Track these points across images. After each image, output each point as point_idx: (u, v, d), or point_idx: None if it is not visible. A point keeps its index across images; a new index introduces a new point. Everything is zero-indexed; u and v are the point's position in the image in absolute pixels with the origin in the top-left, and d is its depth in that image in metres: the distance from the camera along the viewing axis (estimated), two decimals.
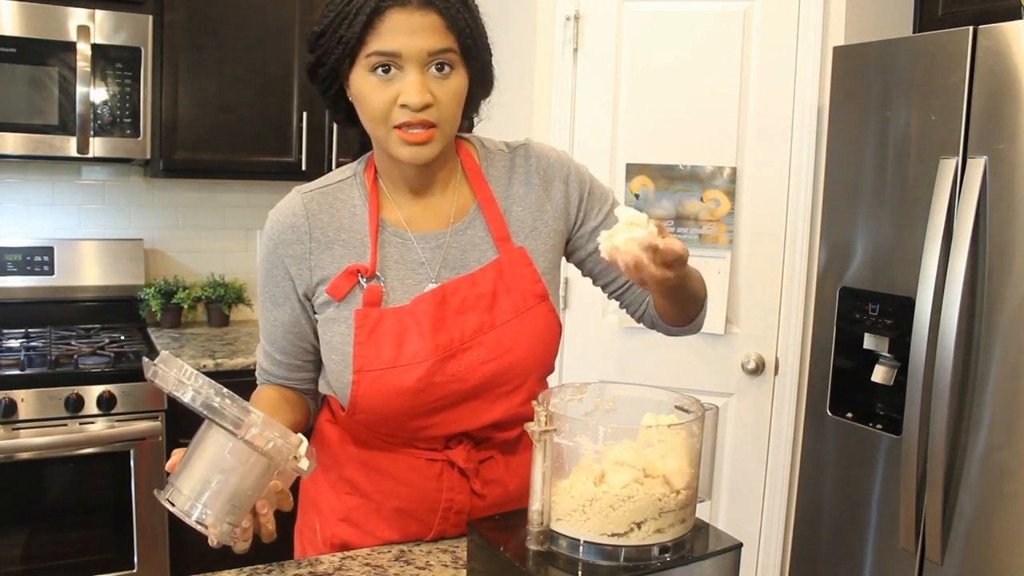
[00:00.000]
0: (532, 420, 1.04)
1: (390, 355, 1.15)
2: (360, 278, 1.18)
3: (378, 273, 1.18)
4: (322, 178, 1.26)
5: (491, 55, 1.19)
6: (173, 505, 0.93)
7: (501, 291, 1.20)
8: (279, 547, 1.43)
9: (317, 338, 1.23)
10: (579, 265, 1.34)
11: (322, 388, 1.28)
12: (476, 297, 1.19)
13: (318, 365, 1.26)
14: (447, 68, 1.09)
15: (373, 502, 1.25)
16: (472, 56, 1.12)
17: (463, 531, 1.23)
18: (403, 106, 1.08)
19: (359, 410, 1.18)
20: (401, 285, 1.19)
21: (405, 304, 1.18)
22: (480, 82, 1.18)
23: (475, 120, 1.28)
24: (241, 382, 2.46)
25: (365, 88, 1.10)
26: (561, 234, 1.28)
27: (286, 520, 1.44)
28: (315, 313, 1.22)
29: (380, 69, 1.08)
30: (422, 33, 1.07)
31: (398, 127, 1.09)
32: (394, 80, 1.08)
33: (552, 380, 2.66)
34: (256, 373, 1.32)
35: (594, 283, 1.35)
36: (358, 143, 1.28)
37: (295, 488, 1.38)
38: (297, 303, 1.21)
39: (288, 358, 1.25)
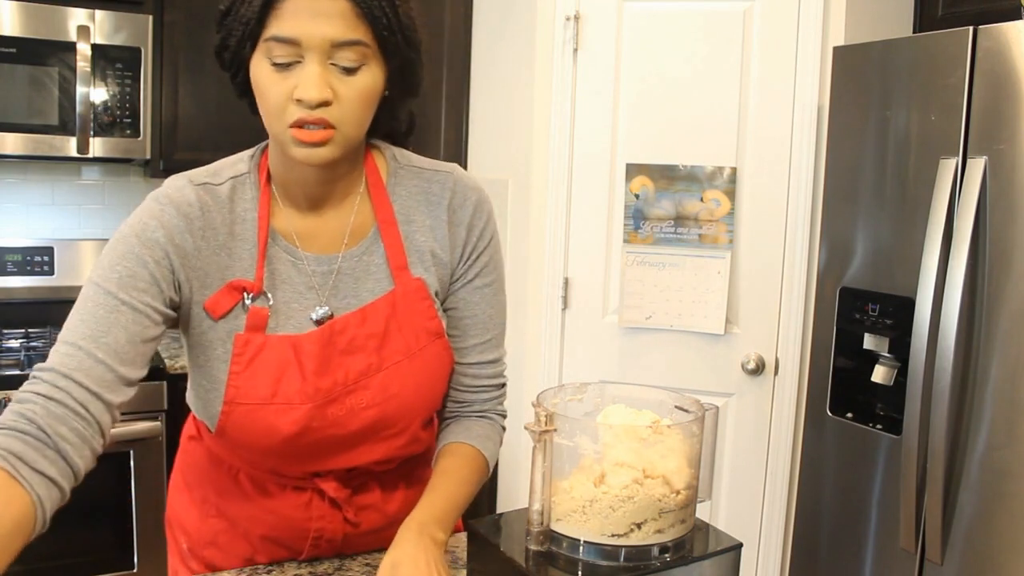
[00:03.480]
0: (413, 458, 1.00)
1: (266, 391, 1.04)
2: (245, 296, 1.05)
3: (265, 291, 1.06)
4: (214, 168, 1.09)
5: (417, 53, 1.05)
6: None
7: (393, 329, 1.09)
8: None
9: (153, 349, 1.02)
10: None
11: (190, 403, 1.16)
12: (365, 336, 1.08)
13: (133, 388, 0.99)
14: (355, 63, 0.97)
15: (240, 527, 1.17)
16: (390, 52, 1.00)
17: (339, 552, 1.19)
18: (299, 101, 0.95)
19: (227, 439, 1.08)
20: (287, 309, 1.07)
21: (290, 333, 1.06)
22: (401, 83, 1.05)
23: (397, 126, 1.15)
24: None
25: (261, 77, 0.98)
26: (450, 275, 1.17)
27: None
28: (184, 329, 1.08)
29: (278, 57, 0.96)
30: (327, 19, 0.94)
31: (293, 125, 0.97)
32: (293, 71, 0.96)
33: (552, 380, 2.66)
34: (22, 389, 0.94)
35: None
36: None
37: (161, 503, 1.15)
38: (159, 298, 1.01)
39: (114, 361, 0.95)
